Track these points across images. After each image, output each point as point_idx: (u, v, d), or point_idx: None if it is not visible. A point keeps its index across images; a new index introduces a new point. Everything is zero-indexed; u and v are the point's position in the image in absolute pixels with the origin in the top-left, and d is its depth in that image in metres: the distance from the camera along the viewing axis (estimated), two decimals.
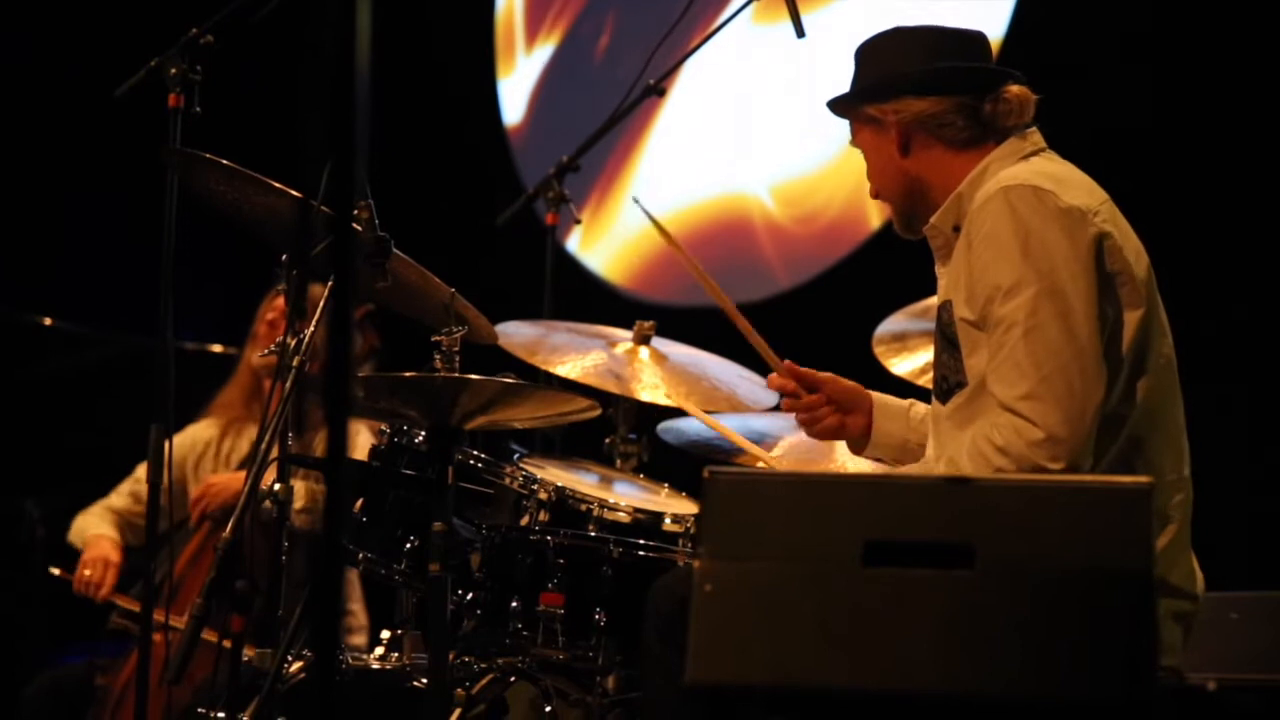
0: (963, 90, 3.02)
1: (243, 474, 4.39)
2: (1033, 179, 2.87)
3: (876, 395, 3.25)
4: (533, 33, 6.93)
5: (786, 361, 3.26)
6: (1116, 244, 2.85)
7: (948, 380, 2.96)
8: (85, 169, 6.47)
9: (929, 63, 3.04)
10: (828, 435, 3.28)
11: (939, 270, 3.06)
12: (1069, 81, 5.04)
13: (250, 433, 4.73)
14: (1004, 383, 2.79)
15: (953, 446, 2.91)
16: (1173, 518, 2.86)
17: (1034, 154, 3.00)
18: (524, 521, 3.40)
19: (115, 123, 4.51)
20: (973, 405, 2.89)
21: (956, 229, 2.98)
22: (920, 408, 3.23)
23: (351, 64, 1.71)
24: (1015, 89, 3.02)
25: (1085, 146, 3.12)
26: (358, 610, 4.83)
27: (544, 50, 6.89)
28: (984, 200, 2.89)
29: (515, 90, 6.95)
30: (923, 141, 3.04)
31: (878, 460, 3.32)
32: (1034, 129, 3.04)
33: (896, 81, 3.04)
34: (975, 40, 3.11)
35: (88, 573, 4.62)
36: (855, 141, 3.15)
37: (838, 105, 3.15)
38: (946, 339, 2.96)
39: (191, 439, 4.84)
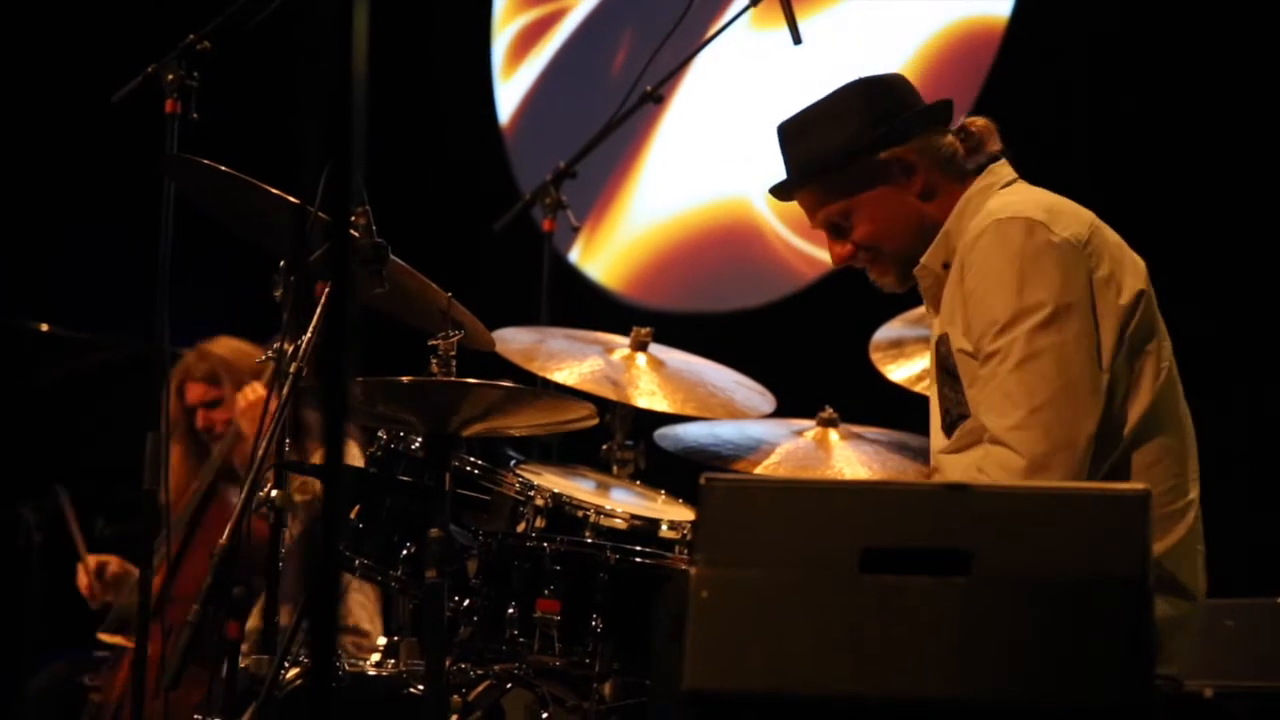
0: (947, 122, 3.02)
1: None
2: (1024, 210, 2.86)
3: None
4: (531, 41, 6.93)
5: None
6: (1108, 269, 2.85)
7: (951, 414, 2.95)
8: (82, 175, 6.46)
9: (901, 107, 2.98)
10: None
11: (928, 309, 3.05)
12: (1072, 66, 5.03)
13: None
14: (994, 413, 2.80)
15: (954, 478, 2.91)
16: (1184, 517, 2.86)
17: (1010, 183, 2.99)
18: (521, 528, 3.39)
19: (112, 128, 4.50)
20: (974, 436, 2.89)
21: (946, 265, 2.96)
22: None
23: (348, 70, 1.70)
24: (978, 119, 3.03)
25: (1088, 136, 3.11)
26: (371, 631, 4.76)
27: (542, 56, 6.88)
28: (976, 233, 2.87)
29: (513, 96, 6.95)
30: (941, 178, 3.00)
31: None
32: (1003, 160, 3.03)
33: (907, 121, 2.97)
34: (905, 80, 3.08)
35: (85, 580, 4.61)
36: (835, 212, 3.03)
37: (810, 178, 3.03)
38: (946, 372, 2.94)
39: None
